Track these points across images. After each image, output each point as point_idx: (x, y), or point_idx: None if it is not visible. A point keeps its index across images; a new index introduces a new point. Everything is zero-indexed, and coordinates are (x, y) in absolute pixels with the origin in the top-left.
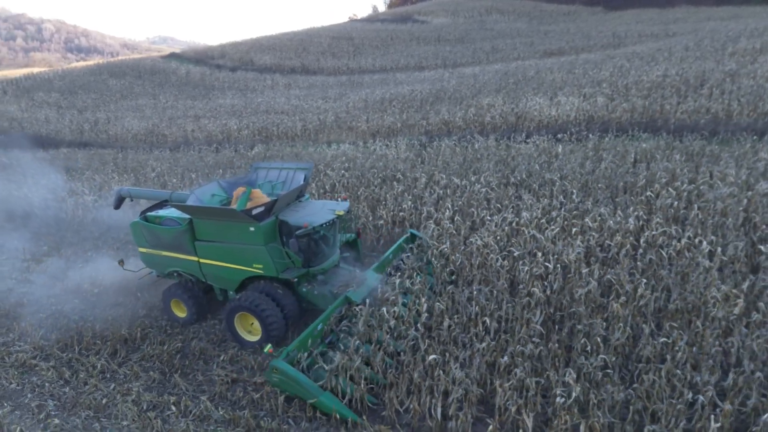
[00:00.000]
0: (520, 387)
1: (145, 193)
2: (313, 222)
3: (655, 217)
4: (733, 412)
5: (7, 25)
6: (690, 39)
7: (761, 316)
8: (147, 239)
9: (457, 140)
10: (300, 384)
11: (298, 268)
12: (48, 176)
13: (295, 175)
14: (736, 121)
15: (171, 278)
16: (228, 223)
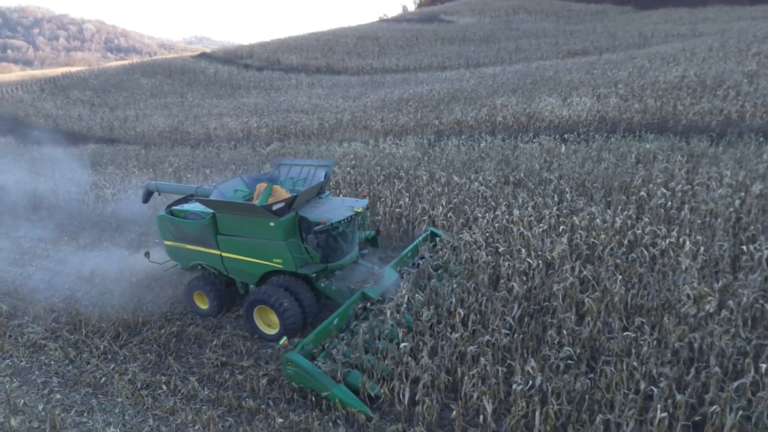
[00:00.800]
0: (484, 375)
1: (172, 188)
2: (331, 218)
3: (645, 217)
4: (686, 404)
5: (51, 25)
6: (716, 39)
7: (729, 313)
8: (172, 232)
9: (465, 139)
10: (314, 377)
11: (316, 264)
12: (74, 170)
13: (316, 172)
14: (748, 123)
15: (195, 271)
16: (249, 218)
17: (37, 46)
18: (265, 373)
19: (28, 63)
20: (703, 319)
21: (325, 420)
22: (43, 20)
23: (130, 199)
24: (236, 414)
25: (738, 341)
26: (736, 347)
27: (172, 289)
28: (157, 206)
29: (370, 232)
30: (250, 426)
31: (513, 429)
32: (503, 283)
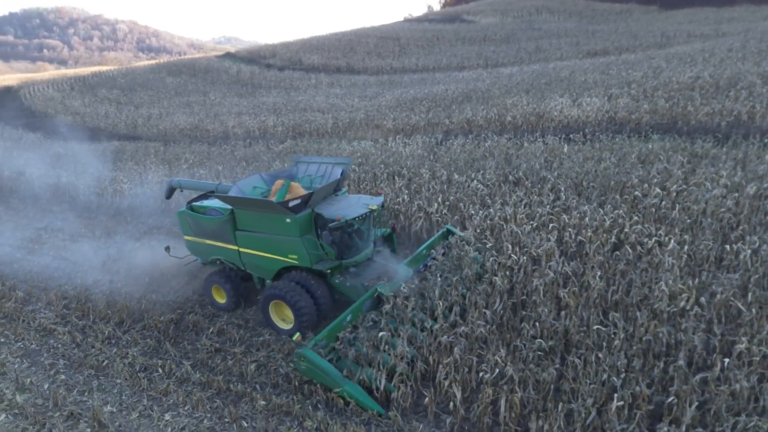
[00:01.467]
0: (457, 364)
1: (193, 184)
2: (346, 215)
3: (635, 215)
4: (648, 395)
5: (86, 25)
6: (738, 40)
7: (700, 309)
8: (192, 228)
9: (472, 139)
10: (326, 373)
11: (331, 260)
12: (95, 165)
13: (333, 170)
14: (758, 124)
15: (214, 266)
16: (266, 214)
17: (71, 45)
18: (254, 359)
19: (62, 62)
20: (677, 315)
21: (306, 404)
22: (78, 20)
23: (145, 194)
24: (224, 396)
25: (708, 337)
26: (704, 342)
27: (176, 280)
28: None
29: (386, 230)
30: (236, 407)
31: (481, 415)
32: (486, 278)
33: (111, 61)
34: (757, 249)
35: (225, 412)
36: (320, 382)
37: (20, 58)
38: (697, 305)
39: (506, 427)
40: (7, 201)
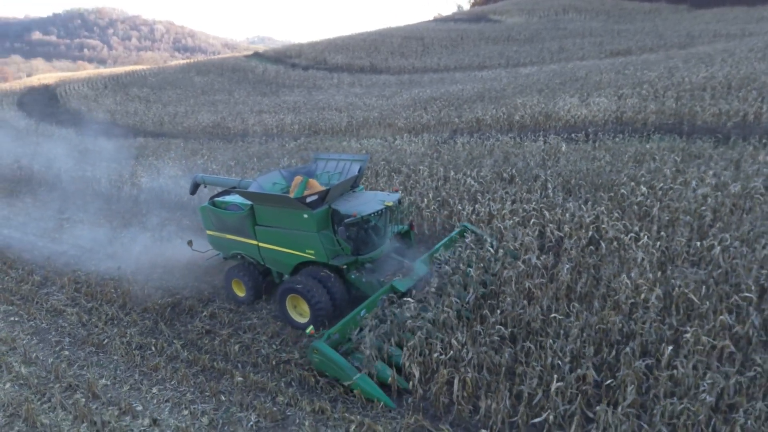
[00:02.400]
0: (418, 347)
1: (217, 180)
2: (362, 211)
3: (616, 212)
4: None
5: (124, 26)
6: (762, 40)
7: (657, 301)
8: (213, 223)
9: (477, 137)
10: (338, 366)
11: (347, 256)
12: (119, 160)
13: (351, 166)
14: (764, 125)
15: (235, 260)
16: (284, 210)
17: (111, 45)
18: (239, 340)
19: (102, 62)
20: (636, 306)
21: (280, 381)
22: (117, 21)
23: (161, 188)
24: (208, 373)
25: (661, 327)
26: (657, 332)
27: (180, 268)
28: (183, 193)
29: (403, 227)
30: (216, 383)
31: (437, 394)
32: (461, 269)
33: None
34: (727, 246)
35: (206, 386)
36: (333, 375)
37: (62, 57)
38: (656, 298)
39: (459, 405)
40: (36, 193)
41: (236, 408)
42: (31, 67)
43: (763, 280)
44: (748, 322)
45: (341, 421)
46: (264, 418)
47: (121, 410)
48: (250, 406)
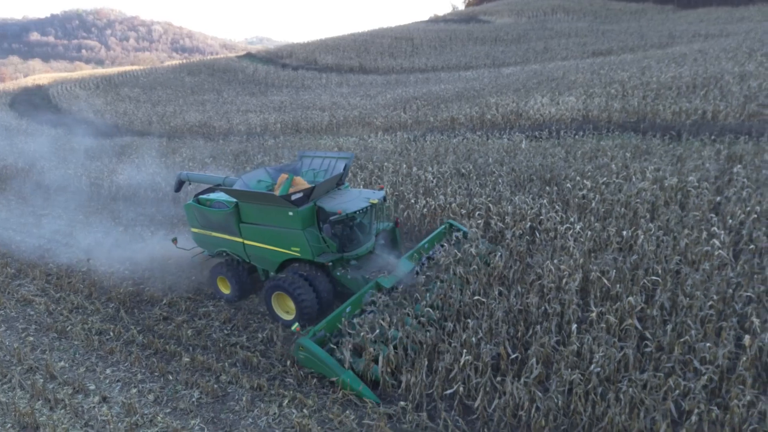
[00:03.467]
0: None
1: (201, 178)
2: (347, 209)
3: (557, 205)
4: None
5: (122, 26)
6: (737, 40)
7: (575, 284)
8: (198, 220)
9: (447, 136)
10: (323, 362)
11: (333, 253)
12: (102, 159)
13: (336, 164)
14: (722, 123)
15: (220, 257)
16: (269, 207)
17: (109, 46)
18: (193, 326)
19: (100, 62)
20: (557, 289)
21: (226, 362)
22: (115, 22)
23: (138, 185)
24: (160, 356)
25: (575, 308)
26: (572, 313)
27: (146, 260)
28: (151, 189)
29: (389, 224)
30: (166, 364)
31: (365, 368)
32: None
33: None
34: (651, 235)
35: (156, 367)
36: (318, 371)
37: (60, 58)
38: (574, 281)
39: (384, 379)
40: (19, 190)
41: (181, 386)
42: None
43: (675, 266)
44: (658, 303)
45: (276, 396)
46: (206, 394)
47: (74, 389)
48: (194, 384)
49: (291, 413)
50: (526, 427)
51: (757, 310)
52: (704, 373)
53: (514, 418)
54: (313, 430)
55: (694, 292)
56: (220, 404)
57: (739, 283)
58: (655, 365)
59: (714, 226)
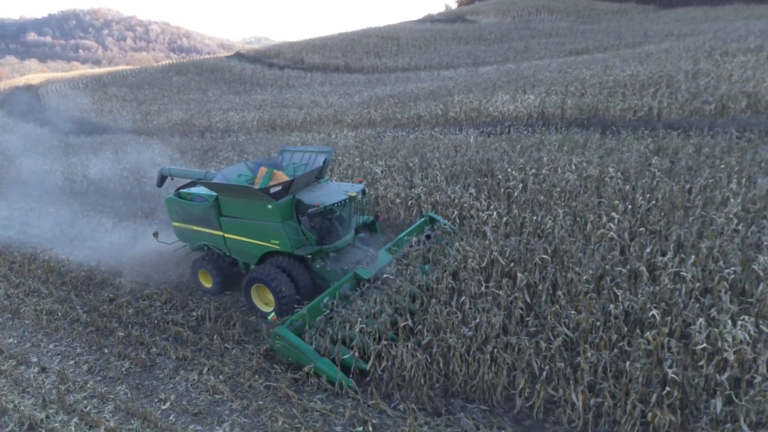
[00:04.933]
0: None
1: (183, 173)
2: (325, 201)
3: (483, 194)
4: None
5: (120, 26)
6: (703, 39)
7: (477, 265)
8: (179, 214)
9: (407, 132)
10: (299, 350)
11: (312, 245)
12: (79, 155)
13: (316, 158)
14: (665, 119)
15: (201, 251)
16: (249, 201)
17: (106, 46)
18: (136, 306)
19: (97, 62)
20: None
21: (160, 338)
22: (113, 22)
23: (108, 179)
24: (100, 333)
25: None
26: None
27: (105, 247)
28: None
29: (369, 218)
30: (105, 340)
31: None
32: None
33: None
34: (559, 220)
35: (94, 342)
36: (295, 359)
37: (57, 58)
38: (474, 261)
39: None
40: None
41: (114, 357)
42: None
43: (567, 246)
44: (548, 280)
45: (198, 364)
46: (136, 365)
47: (18, 362)
48: (126, 356)
49: (209, 379)
50: (408, 386)
51: (623, 283)
52: (558, 335)
53: (401, 379)
54: (224, 392)
55: (575, 268)
56: (147, 373)
57: (622, 260)
58: (527, 331)
59: (613, 211)
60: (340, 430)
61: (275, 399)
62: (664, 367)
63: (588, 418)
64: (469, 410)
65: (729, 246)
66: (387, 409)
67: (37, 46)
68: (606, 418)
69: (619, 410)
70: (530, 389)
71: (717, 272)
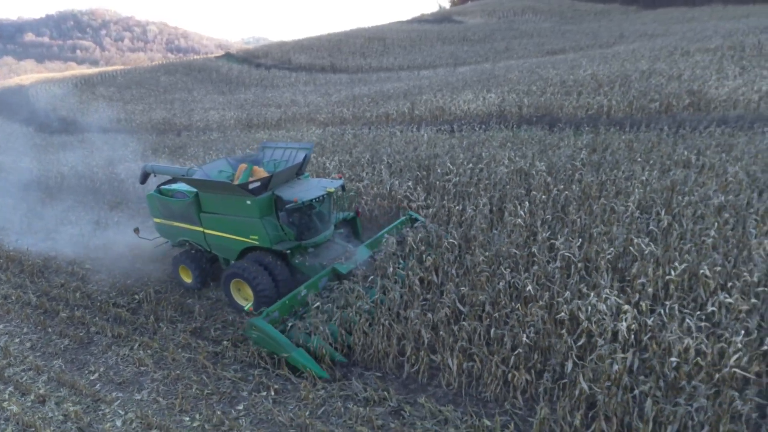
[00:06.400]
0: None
1: (166, 169)
2: (303, 197)
3: (419, 186)
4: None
5: (117, 27)
6: (672, 39)
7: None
8: (160, 210)
9: (370, 129)
10: (275, 340)
11: (291, 241)
12: (57, 153)
13: (297, 154)
14: (614, 116)
15: (183, 247)
16: (228, 196)
17: (104, 46)
18: (84, 291)
19: (94, 63)
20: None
21: (100, 318)
22: (110, 22)
23: (81, 175)
24: (47, 314)
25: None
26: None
27: (66, 238)
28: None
29: (349, 214)
30: (51, 320)
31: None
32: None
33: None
34: (481, 209)
35: (40, 322)
36: (270, 349)
37: (54, 58)
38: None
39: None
40: None
41: (56, 336)
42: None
43: (475, 232)
44: (455, 261)
45: (130, 341)
46: (74, 342)
47: None
48: (67, 335)
49: (138, 353)
50: (315, 357)
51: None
52: (443, 308)
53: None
54: (149, 364)
55: (479, 251)
56: (83, 349)
57: (522, 244)
58: (422, 306)
59: (526, 200)
60: (246, 395)
61: (194, 370)
62: (523, 335)
63: (462, 381)
64: (365, 377)
65: (619, 230)
66: (291, 376)
67: (34, 46)
68: (477, 380)
69: (486, 372)
70: (416, 356)
71: (599, 253)
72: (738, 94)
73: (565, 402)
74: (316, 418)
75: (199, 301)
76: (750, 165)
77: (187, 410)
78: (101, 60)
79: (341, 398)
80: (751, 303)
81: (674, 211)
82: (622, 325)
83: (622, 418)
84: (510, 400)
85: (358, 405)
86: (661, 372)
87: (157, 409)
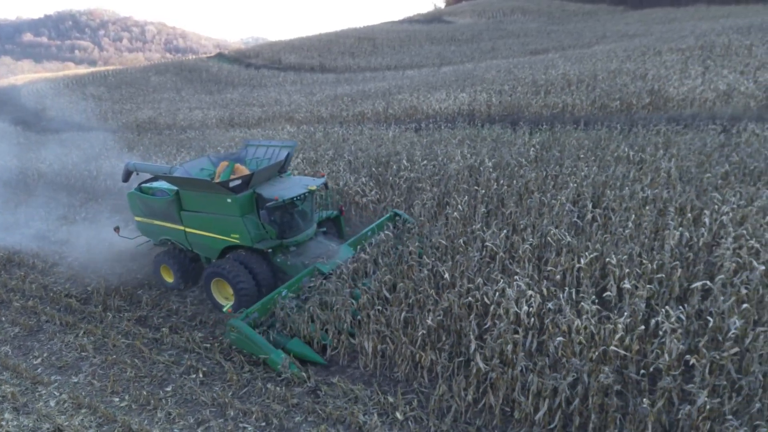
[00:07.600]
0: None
1: (149, 168)
2: (284, 195)
3: (372, 181)
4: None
5: (116, 27)
6: (649, 40)
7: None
8: (141, 209)
9: (342, 127)
10: (253, 341)
11: (272, 239)
12: (39, 152)
13: (280, 152)
14: (577, 115)
15: (165, 246)
16: (209, 195)
17: (102, 47)
18: (40, 282)
19: (92, 63)
20: None
21: (52, 307)
22: (109, 22)
23: (58, 173)
24: (3, 305)
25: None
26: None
27: (35, 235)
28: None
29: (332, 212)
30: (5, 310)
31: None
32: None
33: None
34: (426, 202)
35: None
36: (249, 350)
37: (53, 58)
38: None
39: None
40: None
41: (8, 324)
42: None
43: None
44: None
45: (77, 329)
46: (24, 330)
47: None
48: (18, 323)
49: (82, 340)
50: None
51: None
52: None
53: None
54: (89, 350)
55: (407, 242)
56: (32, 336)
57: (455, 235)
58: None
59: (465, 195)
60: (176, 377)
61: (132, 355)
62: (428, 318)
63: (377, 362)
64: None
65: (546, 223)
66: (222, 360)
67: (33, 46)
68: (390, 362)
69: (397, 354)
70: (337, 340)
71: (521, 243)
72: (696, 93)
73: (461, 379)
74: (236, 398)
75: (148, 291)
76: (684, 161)
77: (118, 392)
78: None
79: (263, 380)
80: (647, 288)
81: (603, 204)
82: (523, 308)
83: (507, 392)
84: (418, 380)
85: (278, 386)
86: (548, 352)
87: (91, 390)
